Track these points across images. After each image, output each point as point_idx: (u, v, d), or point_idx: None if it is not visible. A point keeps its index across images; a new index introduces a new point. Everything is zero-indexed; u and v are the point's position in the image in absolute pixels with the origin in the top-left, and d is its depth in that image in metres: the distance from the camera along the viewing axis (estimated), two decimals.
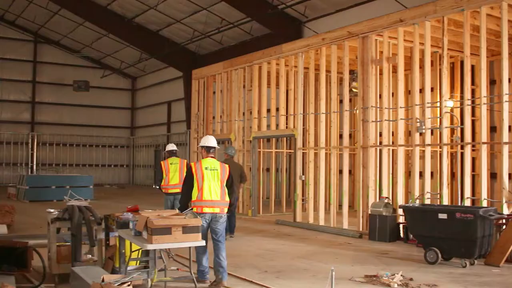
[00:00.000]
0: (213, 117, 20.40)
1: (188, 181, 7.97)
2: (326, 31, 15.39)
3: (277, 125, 17.52)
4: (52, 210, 8.47)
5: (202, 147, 8.32)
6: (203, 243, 6.78)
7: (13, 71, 35.31)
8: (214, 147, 8.30)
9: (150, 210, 7.56)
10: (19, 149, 34.99)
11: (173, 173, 12.28)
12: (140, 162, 38.36)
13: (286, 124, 17.09)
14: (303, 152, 16.35)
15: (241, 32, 25.69)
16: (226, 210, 8.02)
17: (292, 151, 17.53)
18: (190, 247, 6.93)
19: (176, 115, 34.27)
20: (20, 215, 15.11)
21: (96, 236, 8.17)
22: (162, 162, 12.62)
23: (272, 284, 7.90)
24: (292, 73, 16.43)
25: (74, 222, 7.88)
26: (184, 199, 8.05)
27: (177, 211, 7.63)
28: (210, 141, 8.34)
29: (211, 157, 8.19)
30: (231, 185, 8.15)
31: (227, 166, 8.24)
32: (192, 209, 7.61)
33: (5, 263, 7.15)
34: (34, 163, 35.04)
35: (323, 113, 15.11)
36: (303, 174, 15.77)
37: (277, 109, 17.31)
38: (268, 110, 17.62)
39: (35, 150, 35.11)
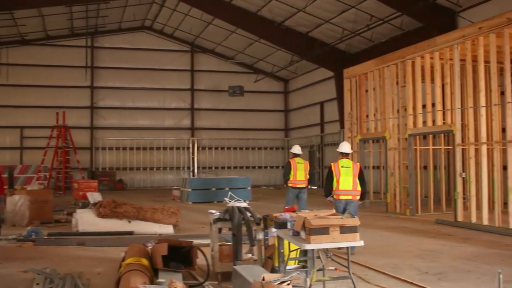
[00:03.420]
0: (367, 116, 20.18)
1: (329, 176, 10.74)
2: (483, 20, 14.56)
3: (433, 121, 16.90)
4: (213, 211, 8.87)
5: (339, 152, 10.99)
6: (361, 243, 6.71)
7: (174, 80, 37.59)
8: (348, 153, 10.92)
9: (307, 210, 7.69)
10: (181, 154, 37.28)
11: (300, 171, 14.36)
12: None
13: (443, 119, 16.41)
14: (462, 148, 15.61)
15: (391, 28, 25.13)
16: (358, 197, 10.64)
17: (451, 147, 16.82)
18: (348, 247, 6.90)
19: (328, 115, 34.26)
20: (184, 216, 15.94)
21: (256, 236, 8.41)
22: (290, 160, 14.60)
23: (434, 286, 7.64)
24: (447, 66, 15.80)
25: (234, 222, 8.20)
26: (326, 189, 10.82)
27: (333, 211, 7.74)
28: (342, 147, 10.98)
29: (346, 158, 10.81)
30: (362, 178, 10.72)
31: (358, 164, 11.06)
32: (333, 196, 10.63)
33: (172, 261, 7.60)
34: (195, 166, 37.02)
35: (482, 106, 14.34)
36: (463, 171, 15.08)
37: (433, 105, 16.70)
38: (424, 106, 17.06)
39: (195, 154, 37.08)
